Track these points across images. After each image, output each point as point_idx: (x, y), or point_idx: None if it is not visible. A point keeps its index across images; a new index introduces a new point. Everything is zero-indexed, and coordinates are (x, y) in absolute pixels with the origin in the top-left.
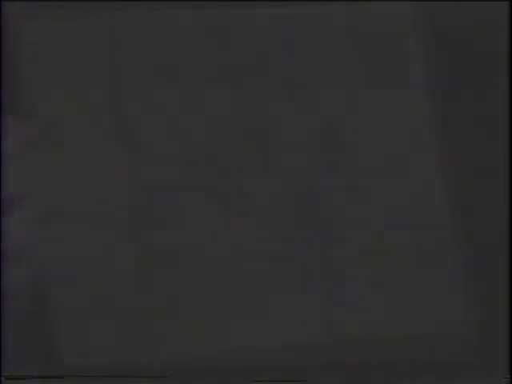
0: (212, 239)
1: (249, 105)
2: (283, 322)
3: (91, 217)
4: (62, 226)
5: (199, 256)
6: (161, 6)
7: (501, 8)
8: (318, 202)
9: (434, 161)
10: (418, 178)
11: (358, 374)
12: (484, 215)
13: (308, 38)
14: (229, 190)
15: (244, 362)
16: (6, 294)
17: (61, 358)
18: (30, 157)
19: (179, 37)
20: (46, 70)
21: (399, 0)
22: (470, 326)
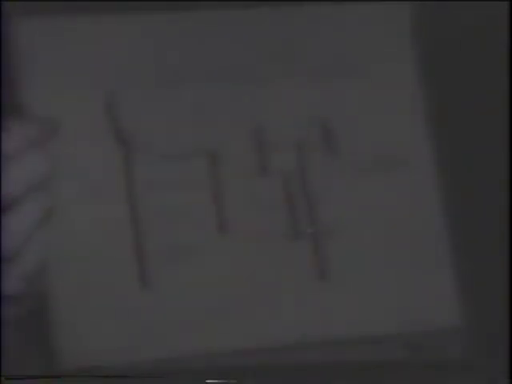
0: (211, 240)
1: (248, 104)
2: (281, 322)
3: (91, 216)
4: (62, 226)
5: (198, 256)
6: (161, 6)
7: (501, 8)
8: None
9: (433, 161)
10: (417, 178)
11: (356, 373)
12: (484, 215)
13: (307, 37)
14: (227, 190)
15: (244, 362)
16: (6, 294)
17: (61, 358)
18: (30, 157)
19: (178, 37)
20: (46, 70)
21: (399, 0)
22: (470, 326)
